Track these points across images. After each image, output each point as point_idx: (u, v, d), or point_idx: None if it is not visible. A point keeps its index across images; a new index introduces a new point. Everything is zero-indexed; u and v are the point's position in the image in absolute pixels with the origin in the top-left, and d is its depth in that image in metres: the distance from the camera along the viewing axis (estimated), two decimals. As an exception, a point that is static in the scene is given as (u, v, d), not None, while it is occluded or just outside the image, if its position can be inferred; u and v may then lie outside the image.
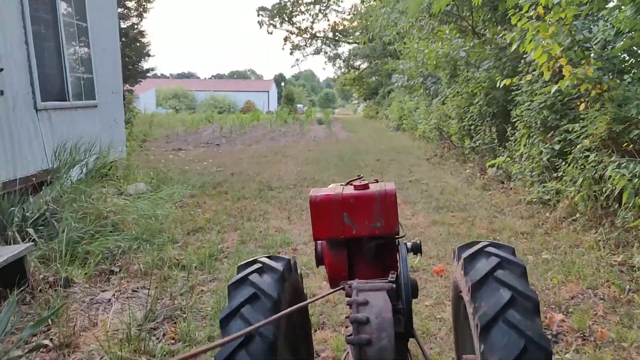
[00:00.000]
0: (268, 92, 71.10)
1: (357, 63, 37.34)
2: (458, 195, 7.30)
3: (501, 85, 6.61)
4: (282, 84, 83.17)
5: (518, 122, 7.42)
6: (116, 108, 7.88)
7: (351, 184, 2.02)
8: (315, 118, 32.18)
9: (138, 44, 32.09)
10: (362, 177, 2.05)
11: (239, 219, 6.23)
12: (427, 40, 10.60)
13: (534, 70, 6.73)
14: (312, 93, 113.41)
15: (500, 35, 8.16)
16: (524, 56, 7.38)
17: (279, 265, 1.66)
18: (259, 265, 1.65)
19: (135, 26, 31.89)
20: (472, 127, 9.79)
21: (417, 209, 6.51)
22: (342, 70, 36.05)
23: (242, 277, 1.59)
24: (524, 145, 7.09)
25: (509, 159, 7.87)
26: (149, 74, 33.98)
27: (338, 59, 34.55)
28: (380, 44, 28.58)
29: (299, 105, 55.88)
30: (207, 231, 5.65)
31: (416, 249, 1.95)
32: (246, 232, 5.56)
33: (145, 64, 33.63)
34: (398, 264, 1.90)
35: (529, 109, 7.04)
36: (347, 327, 2.33)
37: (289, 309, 1.40)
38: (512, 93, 8.30)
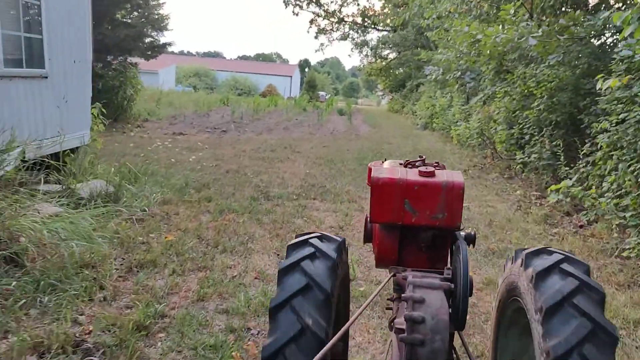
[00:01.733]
0: (291, 77, 69.17)
1: (386, 52, 35.17)
2: (513, 230, 5.45)
3: (605, 88, 4.70)
4: (306, 69, 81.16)
5: (600, 137, 5.51)
6: (79, 81, 6.18)
7: (413, 166, 1.96)
8: (336, 108, 30.26)
9: (156, 16, 30.58)
10: (424, 159, 2.05)
11: (212, 248, 4.49)
12: (482, 23, 8.66)
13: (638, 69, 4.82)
14: (337, 81, 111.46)
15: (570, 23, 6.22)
16: (617, 50, 5.44)
17: (332, 252, 1.61)
18: (312, 250, 1.60)
19: (154, -3, 30.30)
20: (527, 136, 7.86)
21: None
22: (369, 59, 33.99)
23: (293, 262, 1.55)
24: (610, 172, 5.19)
25: (577, 184, 5.98)
26: (166, 49, 32.55)
27: (365, 47, 32.46)
28: (412, 32, 26.44)
29: (321, 93, 53.90)
30: (159, 268, 3.92)
31: (470, 240, 1.85)
32: (213, 276, 3.82)
33: (163, 39, 32.13)
34: (449, 256, 1.89)
35: (621, 122, 5.13)
36: (387, 308, 2.04)
37: (338, 334, 1.42)
38: (590, 98, 6.34)
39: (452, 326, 1.60)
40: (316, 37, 35.59)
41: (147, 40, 32.97)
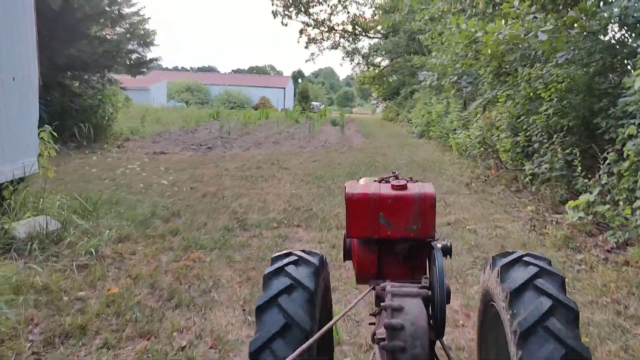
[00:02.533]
0: (284, 88, 68.61)
1: (378, 60, 34.55)
2: (530, 259, 4.59)
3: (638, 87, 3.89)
4: (300, 80, 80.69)
5: (628, 144, 4.70)
6: (21, 102, 5.36)
7: (386, 181, 1.98)
8: (329, 119, 29.51)
9: (141, 31, 29.89)
10: (397, 174, 2.03)
11: (164, 302, 3.63)
12: (482, 20, 7.89)
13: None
14: (331, 91, 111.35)
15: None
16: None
17: (314, 259, 1.69)
18: (295, 257, 1.68)
19: (139, 11, 29.64)
20: (535, 144, 7.05)
21: (472, 295, 3.83)
22: (361, 67, 33.36)
23: (278, 267, 1.62)
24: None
25: (599, 198, 5.15)
26: (153, 65, 31.84)
27: (357, 54, 31.83)
28: (404, 38, 25.80)
29: (314, 103, 53.28)
30: (88, 338, 3.06)
31: (447, 251, 1.90)
32: (156, 347, 2.96)
33: (150, 54, 31.42)
34: (427, 267, 1.93)
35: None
36: (371, 323, 1.97)
37: (323, 329, 1.49)
38: (607, 99, 5.54)
39: (432, 334, 1.64)
40: (306, 47, 34.96)
41: (134, 56, 32.28)
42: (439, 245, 1.88)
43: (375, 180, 2.02)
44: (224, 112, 33.64)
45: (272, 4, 31.29)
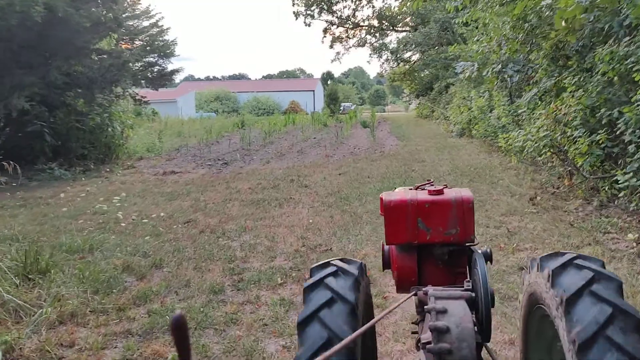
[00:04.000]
0: (313, 91, 67.37)
1: (408, 55, 32.63)
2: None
3: None
4: (329, 82, 79.28)
5: None
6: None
7: (423, 188, 1.99)
8: (360, 120, 27.84)
9: (160, 43, 29.11)
10: (432, 182, 2.06)
11: None
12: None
13: None
14: (362, 90, 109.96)
15: None
16: None
17: (353, 269, 1.65)
18: (334, 268, 1.64)
19: (158, 23, 28.89)
20: (630, 145, 5.27)
21: None
22: (390, 63, 31.58)
23: (317, 280, 1.59)
24: None
25: None
26: (174, 76, 31.06)
27: (384, 50, 30.03)
28: (436, 28, 23.89)
29: (345, 104, 51.66)
30: None
31: (487, 257, 1.86)
32: None
33: (171, 65, 30.73)
34: (468, 271, 1.92)
35: None
36: (414, 332, 1.97)
37: (375, 319, 1.49)
38: None
39: (478, 337, 1.59)
40: (331, 47, 33.41)
41: (156, 68, 31.46)
42: (480, 251, 1.84)
43: (411, 188, 2.02)
44: (250, 119, 32.53)
45: (293, 4, 29.93)
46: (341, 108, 42.87)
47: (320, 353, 1.32)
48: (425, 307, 1.59)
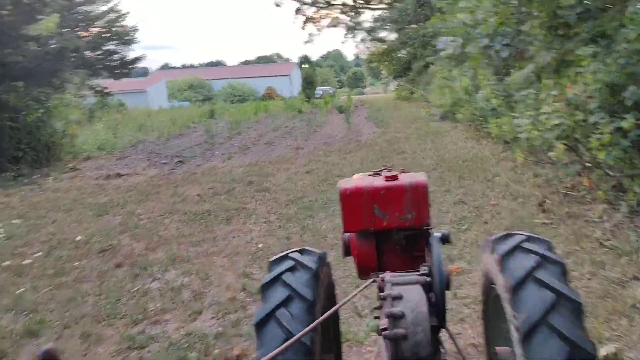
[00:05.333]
0: (289, 75, 65.50)
1: (384, 34, 31.09)
2: None
3: None
4: (305, 65, 77.41)
5: None
6: None
7: (379, 174, 1.98)
8: (336, 104, 26.32)
9: (120, 30, 27.04)
10: (390, 167, 2.01)
11: None
12: None
13: None
14: (341, 73, 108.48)
15: None
16: None
17: (312, 262, 1.66)
18: (292, 263, 1.64)
19: (115, 7, 26.81)
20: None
21: None
22: (366, 43, 30.00)
23: (275, 276, 1.60)
24: None
25: None
26: (134, 66, 28.97)
27: (359, 30, 28.43)
28: (412, 3, 22.41)
29: (321, 89, 49.98)
30: None
31: (445, 239, 1.89)
32: None
33: (132, 53, 28.69)
34: (427, 255, 1.91)
35: None
36: (375, 317, 1.88)
37: (327, 314, 1.52)
38: None
39: (434, 319, 1.62)
40: (303, 28, 31.68)
41: (116, 57, 29.37)
42: (438, 234, 1.85)
43: (369, 174, 2.02)
44: (221, 108, 30.75)
45: (262, -16, 28.00)
46: (318, 93, 41.16)
47: (279, 355, 1.34)
48: (381, 294, 1.60)
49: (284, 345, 1.29)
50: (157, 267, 4.49)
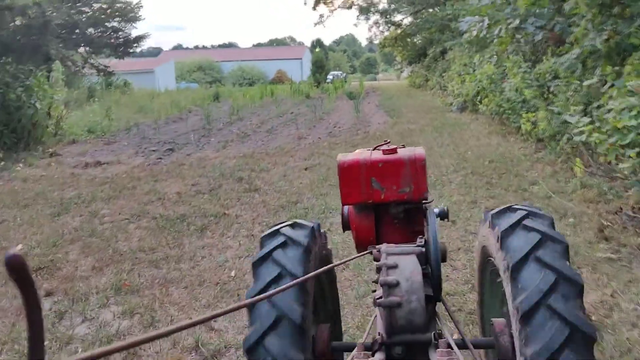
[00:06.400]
0: (300, 59, 63.98)
1: (399, 18, 29.60)
2: None
3: None
4: (317, 49, 75.91)
5: None
6: None
7: (378, 149, 1.98)
8: (347, 90, 25.03)
9: (122, 6, 25.87)
10: (389, 142, 2.02)
11: None
12: None
13: None
14: (354, 58, 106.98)
15: None
16: None
17: (303, 238, 1.61)
18: (283, 238, 1.60)
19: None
20: None
21: None
22: (380, 26, 28.54)
23: (266, 253, 1.56)
24: None
25: None
26: (138, 45, 27.82)
27: (373, 12, 26.87)
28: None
29: (333, 73, 48.56)
30: None
31: (443, 215, 1.89)
32: None
33: (135, 31, 27.56)
34: (425, 230, 1.88)
35: None
36: (374, 291, 1.82)
37: (315, 272, 1.43)
38: None
39: (429, 290, 1.61)
40: (314, 9, 30.23)
41: (120, 34, 28.15)
42: (436, 210, 1.86)
43: (368, 149, 2.02)
44: (226, 91, 29.57)
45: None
46: (329, 77, 39.77)
47: (270, 333, 1.33)
48: (376, 263, 1.61)
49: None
50: (96, 299, 3.43)
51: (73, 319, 3.18)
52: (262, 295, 1.23)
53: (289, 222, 1.71)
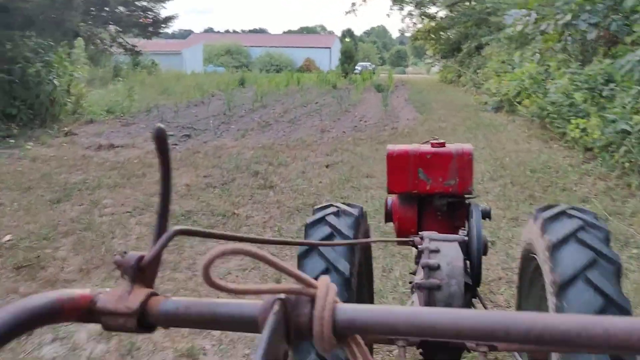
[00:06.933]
0: (329, 48, 63.14)
1: (434, 10, 28.61)
2: None
3: None
4: (347, 39, 74.89)
5: None
6: None
7: (429, 142, 2.01)
8: (375, 82, 24.29)
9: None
10: (437, 138, 2.03)
11: None
12: None
13: None
14: (384, 50, 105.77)
15: None
16: None
17: (354, 211, 1.66)
18: (335, 209, 1.65)
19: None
20: None
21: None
22: (413, 18, 27.61)
23: (319, 217, 1.61)
24: None
25: None
26: (167, 25, 27.48)
27: (407, 2, 25.94)
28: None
29: (361, 64, 47.69)
30: None
31: (485, 214, 1.89)
32: None
33: (164, 12, 27.23)
34: (466, 224, 1.93)
35: None
36: (410, 282, 1.88)
37: (363, 240, 1.63)
38: None
39: (467, 278, 1.59)
40: (348, -3, 29.26)
41: (149, 14, 27.88)
42: (480, 207, 1.88)
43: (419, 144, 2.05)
44: (254, 76, 29.11)
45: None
46: (357, 68, 38.95)
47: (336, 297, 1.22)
48: (419, 247, 1.63)
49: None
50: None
51: (42, 336, 2.72)
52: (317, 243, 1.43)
53: (341, 202, 1.74)
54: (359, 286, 1.88)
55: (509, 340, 0.41)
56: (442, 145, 1.93)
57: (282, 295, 0.48)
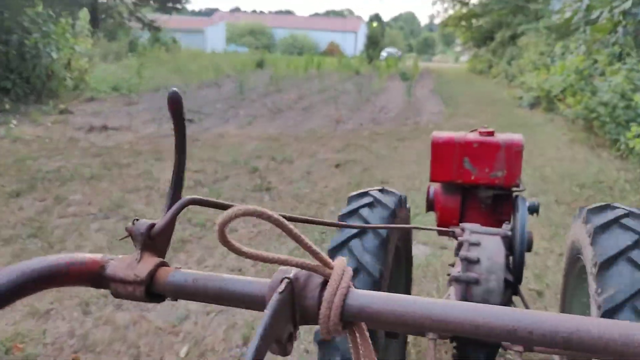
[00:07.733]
0: (356, 32, 61.62)
1: (467, -4, 27.08)
2: None
3: None
4: (374, 23, 73.08)
5: None
6: None
7: (476, 130, 1.92)
8: (401, 70, 23.08)
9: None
10: (487, 127, 1.93)
11: None
12: None
13: None
14: (410, 37, 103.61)
15: None
16: None
17: (390, 202, 1.59)
18: (371, 199, 1.59)
19: None
20: None
21: None
22: (444, 4, 26.20)
23: (352, 209, 1.55)
24: None
25: None
26: (187, 1, 26.61)
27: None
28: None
29: (387, 50, 46.21)
30: None
31: (533, 209, 1.79)
32: None
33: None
34: (511, 218, 1.82)
35: None
36: (448, 274, 1.71)
37: (396, 225, 1.52)
38: None
39: (508, 275, 1.53)
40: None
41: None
42: (527, 202, 1.77)
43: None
44: (274, 58, 28.12)
45: None
46: (383, 54, 37.59)
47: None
48: (459, 238, 1.57)
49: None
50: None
51: None
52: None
53: (379, 188, 1.66)
54: (394, 273, 1.71)
55: (532, 341, 0.40)
56: (491, 134, 1.82)
57: (291, 275, 0.46)
